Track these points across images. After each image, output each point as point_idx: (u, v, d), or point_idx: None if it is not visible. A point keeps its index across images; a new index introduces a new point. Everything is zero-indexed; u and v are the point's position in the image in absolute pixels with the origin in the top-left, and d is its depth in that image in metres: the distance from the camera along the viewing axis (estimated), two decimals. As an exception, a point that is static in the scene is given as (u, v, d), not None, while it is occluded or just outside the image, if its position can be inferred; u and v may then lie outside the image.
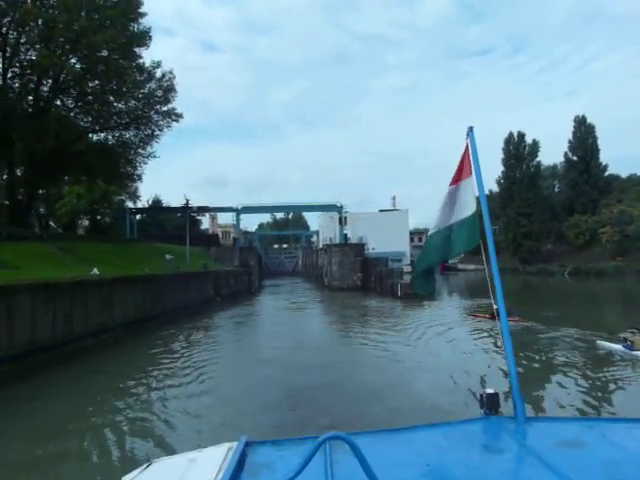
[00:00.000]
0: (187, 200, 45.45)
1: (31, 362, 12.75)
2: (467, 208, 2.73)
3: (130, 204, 48.15)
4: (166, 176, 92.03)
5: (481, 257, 2.76)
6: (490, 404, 2.04)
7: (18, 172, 28.53)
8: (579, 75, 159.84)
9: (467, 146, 2.76)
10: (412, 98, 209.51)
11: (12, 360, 12.20)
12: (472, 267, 69.17)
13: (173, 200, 73.37)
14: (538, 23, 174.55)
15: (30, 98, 27.41)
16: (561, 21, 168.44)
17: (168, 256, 26.11)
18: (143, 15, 27.52)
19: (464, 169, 2.78)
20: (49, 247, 22.28)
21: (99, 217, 45.34)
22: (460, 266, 72.91)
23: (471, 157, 2.72)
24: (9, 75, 25.81)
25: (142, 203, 53.11)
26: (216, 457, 1.61)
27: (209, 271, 31.41)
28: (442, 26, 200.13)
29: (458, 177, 2.82)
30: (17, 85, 26.84)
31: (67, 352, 14.26)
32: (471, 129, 2.72)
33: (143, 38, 28.65)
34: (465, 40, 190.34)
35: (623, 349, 11.35)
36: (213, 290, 30.97)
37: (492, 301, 2.66)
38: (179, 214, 50.00)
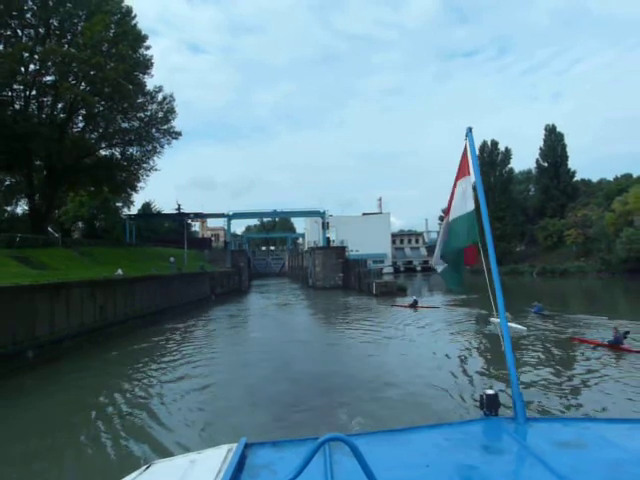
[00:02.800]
0: (179, 205, 50.04)
1: (81, 340, 17.34)
2: (465, 205, 2.88)
3: (125, 209, 52.52)
4: (154, 178, 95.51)
5: None
6: (490, 405, 2.13)
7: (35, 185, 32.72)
8: (564, 77, 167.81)
9: (466, 146, 2.84)
10: (400, 100, 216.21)
11: (71, 338, 16.79)
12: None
13: (162, 203, 77.51)
14: (523, 26, 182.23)
15: (44, 116, 31.73)
16: (546, 24, 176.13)
17: (172, 259, 30.65)
18: (148, 48, 32.06)
19: (463, 168, 2.91)
20: (72, 252, 26.75)
21: (97, 222, 49.39)
22: (440, 267, 78.47)
23: (469, 157, 2.83)
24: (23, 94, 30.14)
25: (135, 207, 57.51)
26: (216, 459, 1.68)
27: (206, 272, 36.07)
28: (429, 27, 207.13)
29: (459, 175, 2.95)
30: (35, 107, 31.12)
31: (104, 334, 18.88)
32: (470, 130, 2.80)
33: (146, 66, 33.18)
34: (451, 41, 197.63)
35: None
36: (209, 289, 35.63)
37: (490, 298, 2.72)
38: (172, 220, 54.42)
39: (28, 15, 30.07)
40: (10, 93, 29.40)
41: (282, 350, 15.98)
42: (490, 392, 2.17)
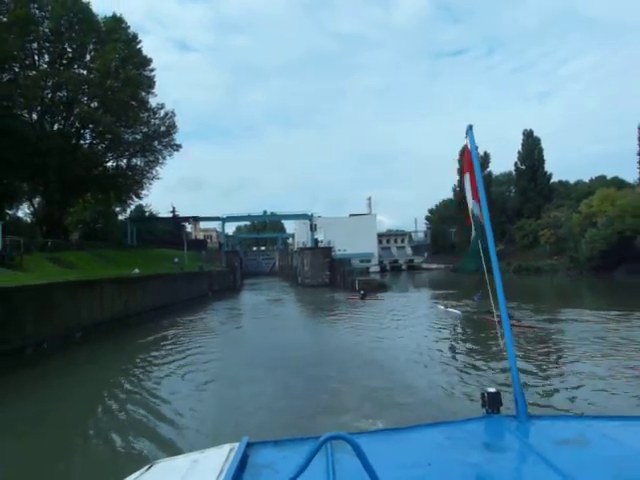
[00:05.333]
0: (173, 207, 54.49)
1: (113, 327, 21.88)
2: (468, 202, 3.00)
3: (122, 212, 56.75)
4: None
5: (441, 256, 6.85)
6: (492, 403, 2.16)
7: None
8: (552, 77, 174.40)
9: (467, 144, 2.96)
10: (393, 99, 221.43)
11: (105, 323, 21.34)
12: (434, 266, 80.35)
13: (154, 203, 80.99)
14: (513, 26, 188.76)
15: (55, 129, 36.04)
16: (535, 24, 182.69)
17: (176, 259, 35.28)
18: (152, 70, 36.63)
19: (464, 166, 3.10)
20: (88, 254, 31.18)
21: (98, 225, 53.56)
22: (424, 265, 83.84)
23: (470, 154, 2.93)
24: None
25: (130, 209, 61.73)
26: (218, 458, 1.72)
27: (204, 271, 40.71)
28: (419, 26, 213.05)
29: (464, 171, 3.14)
30: (48, 123, 35.43)
31: (129, 323, 23.43)
32: (470, 128, 2.86)
33: (149, 85, 37.68)
34: (442, 41, 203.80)
35: (443, 308, 22.98)
36: (207, 287, 40.26)
37: (491, 299, 2.82)
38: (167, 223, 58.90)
39: (42, 41, 34.43)
40: (29, 113, 33.74)
41: (276, 333, 20.84)
42: (492, 390, 2.21)
